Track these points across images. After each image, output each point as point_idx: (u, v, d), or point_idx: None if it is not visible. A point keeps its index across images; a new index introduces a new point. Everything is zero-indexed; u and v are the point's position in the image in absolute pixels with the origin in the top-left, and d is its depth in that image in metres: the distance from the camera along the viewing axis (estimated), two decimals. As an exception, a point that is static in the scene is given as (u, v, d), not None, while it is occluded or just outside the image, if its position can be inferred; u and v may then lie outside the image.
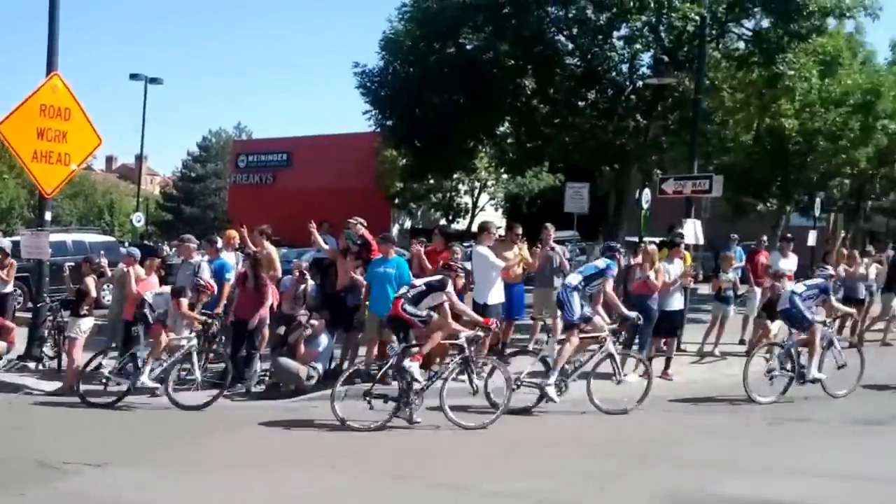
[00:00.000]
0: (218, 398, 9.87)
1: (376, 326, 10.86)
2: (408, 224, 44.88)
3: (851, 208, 31.67)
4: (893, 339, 15.39)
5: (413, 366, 8.81)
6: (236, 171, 52.42)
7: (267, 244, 11.93)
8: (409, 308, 8.99)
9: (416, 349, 9.05)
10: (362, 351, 11.37)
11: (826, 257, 18.25)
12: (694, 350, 13.59)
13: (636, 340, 11.94)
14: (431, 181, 33.21)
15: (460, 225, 43.27)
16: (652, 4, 15.00)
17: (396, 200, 41.31)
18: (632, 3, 15.01)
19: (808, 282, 11.27)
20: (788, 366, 10.49)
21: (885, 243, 21.77)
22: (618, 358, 9.95)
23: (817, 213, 26.79)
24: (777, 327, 13.45)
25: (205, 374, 10.38)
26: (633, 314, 10.25)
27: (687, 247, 14.15)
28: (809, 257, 24.25)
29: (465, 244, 15.76)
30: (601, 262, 10.30)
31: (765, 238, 17.45)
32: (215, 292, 11.03)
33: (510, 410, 9.09)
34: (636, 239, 15.67)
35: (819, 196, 27.31)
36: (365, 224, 11.82)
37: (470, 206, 44.92)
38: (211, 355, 10.88)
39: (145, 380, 9.99)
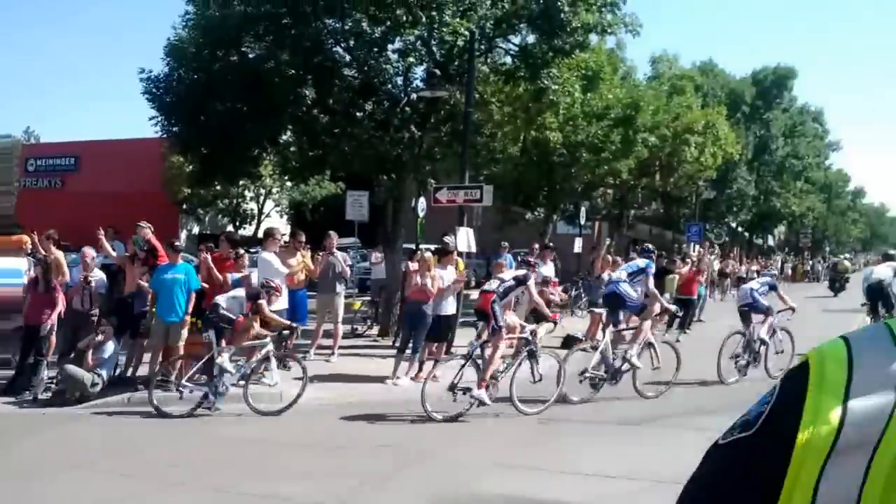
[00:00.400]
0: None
1: (162, 333, 10.93)
2: (196, 230, 44.27)
3: (615, 217, 33.22)
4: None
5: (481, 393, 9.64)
6: (25, 175, 50.00)
7: (54, 249, 11.65)
8: (497, 308, 10.25)
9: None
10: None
11: (592, 264, 19.47)
12: (463, 354, 14.05)
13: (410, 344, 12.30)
14: (218, 187, 32.69)
15: (247, 231, 43.29)
16: (423, 19, 15.36)
17: (184, 206, 40.63)
18: (404, 18, 15.33)
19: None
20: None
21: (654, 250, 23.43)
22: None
23: (582, 221, 28.19)
24: (545, 330, 14.21)
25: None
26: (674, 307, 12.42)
27: (460, 254, 14.63)
28: (576, 264, 25.76)
29: (252, 250, 15.58)
30: (641, 262, 12.12)
31: (536, 246, 18.35)
32: (281, 293, 11.42)
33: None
34: (413, 246, 16.02)
35: (584, 205, 28.66)
36: (152, 229, 11.78)
37: (256, 212, 45.03)
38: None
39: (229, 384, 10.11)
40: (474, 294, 18.82)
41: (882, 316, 16.12)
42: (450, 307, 12.96)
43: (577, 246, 25.42)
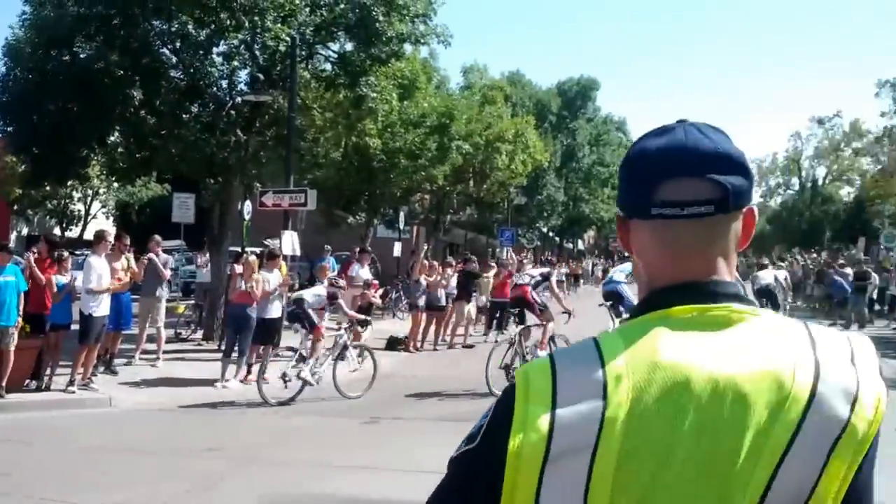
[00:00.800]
0: None
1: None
2: (25, 231, 41.80)
3: (432, 222, 33.81)
4: (473, 341, 17.57)
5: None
6: None
7: None
8: (535, 296, 12.55)
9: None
10: None
11: (411, 267, 20.06)
12: (291, 355, 14.22)
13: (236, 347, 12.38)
14: (48, 188, 31.10)
15: (73, 233, 42.02)
16: (246, 24, 15.46)
17: (16, 207, 38.27)
18: (228, 22, 15.39)
19: None
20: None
21: (464, 254, 24.15)
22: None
23: (401, 225, 28.82)
24: (368, 332, 14.70)
25: None
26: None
27: (285, 257, 14.83)
28: (395, 267, 26.38)
29: (78, 252, 15.04)
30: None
31: (357, 249, 18.73)
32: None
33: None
34: (239, 249, 16.02)
35: (403, 210, 29.32)
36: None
37: (83, 213, 43.54)
38: None
39: (306, 375, 11.20)
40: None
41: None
42: (275, 310, 13.12)
43: (397, 250, 26.00)
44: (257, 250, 15.70)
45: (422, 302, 17.02)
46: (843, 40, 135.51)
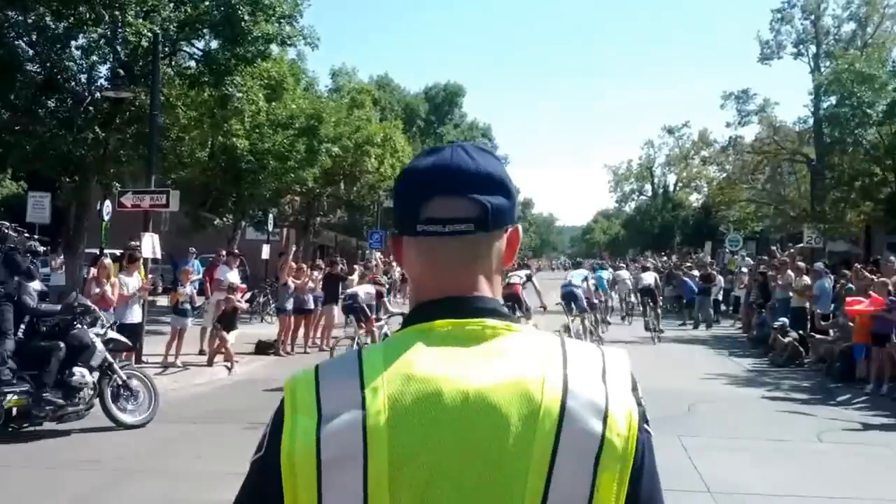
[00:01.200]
0: None
1: None
2: None
3: (302, 224, 33.57)
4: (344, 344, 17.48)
5: None
6: None
7: None
8: (524, 294, 15.73)
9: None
10: None
11: (280, 270, 19.79)
12: (157, 362, 13.82)
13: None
14: None
15: None
16: (107, 17, 14.94)
17: None
18: (87, 15, 14.84)
19: None
20: None
21: (332, 257, 23.97)
22: None
23: (270, 227, 28.42)
24: (234, 337, 14.43)
25: None
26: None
27: (146, 260, 14.34)
28: (264, 269, 25.95)
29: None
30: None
31: (223, 252, 18.28)
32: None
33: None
34: (97, 251, 15.41)
35: (272, 212, 28.92)
36: None
37: None
38: None
39: None
40: (162, 300, 18.43)
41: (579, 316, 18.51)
42: (135, 315, 12.73)
43: (265, 252, 25.60)
44: (118, 252, 15.13)
45: (290, 305, 16.80)
46: (697, 53, 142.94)
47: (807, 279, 18.00)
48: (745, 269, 26.45)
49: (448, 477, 1.10)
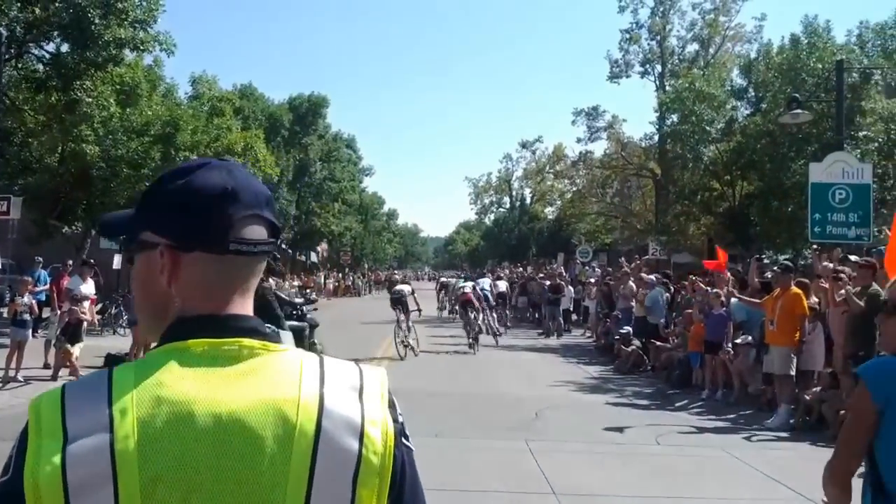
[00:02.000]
0: None
1: None
2: None
3: None
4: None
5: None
6: None
7: None
8: (475, 300, 20.37)
9: None
10: None
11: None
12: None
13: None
14: None
15: None
16: (-56, 15, 14.33)
17: None
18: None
19: None
20: None
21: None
22: None
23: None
24: (79, 349, 13.94)
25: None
26: None
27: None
28: (116, 280, 25.17)
29: None
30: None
31: (70, 262, 17.62)
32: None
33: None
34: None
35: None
36: None
37: None
38: None
39: (412, 342, 18.32)
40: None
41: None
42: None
43: (117, 262, 24.81)
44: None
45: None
46: (558, 69, 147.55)
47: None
48: (592, 280, 27.39)
49: (203, 500, 1.09)
